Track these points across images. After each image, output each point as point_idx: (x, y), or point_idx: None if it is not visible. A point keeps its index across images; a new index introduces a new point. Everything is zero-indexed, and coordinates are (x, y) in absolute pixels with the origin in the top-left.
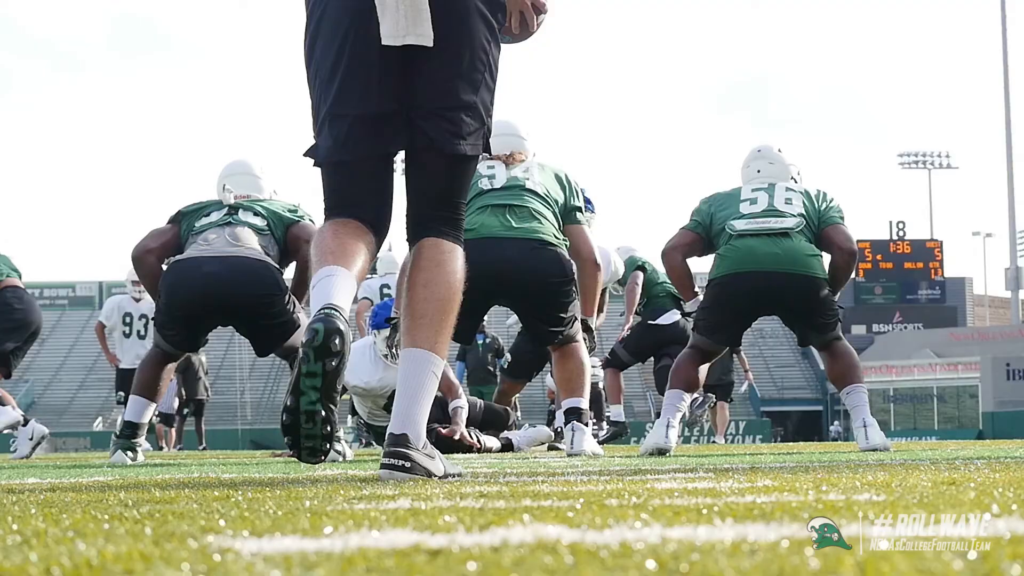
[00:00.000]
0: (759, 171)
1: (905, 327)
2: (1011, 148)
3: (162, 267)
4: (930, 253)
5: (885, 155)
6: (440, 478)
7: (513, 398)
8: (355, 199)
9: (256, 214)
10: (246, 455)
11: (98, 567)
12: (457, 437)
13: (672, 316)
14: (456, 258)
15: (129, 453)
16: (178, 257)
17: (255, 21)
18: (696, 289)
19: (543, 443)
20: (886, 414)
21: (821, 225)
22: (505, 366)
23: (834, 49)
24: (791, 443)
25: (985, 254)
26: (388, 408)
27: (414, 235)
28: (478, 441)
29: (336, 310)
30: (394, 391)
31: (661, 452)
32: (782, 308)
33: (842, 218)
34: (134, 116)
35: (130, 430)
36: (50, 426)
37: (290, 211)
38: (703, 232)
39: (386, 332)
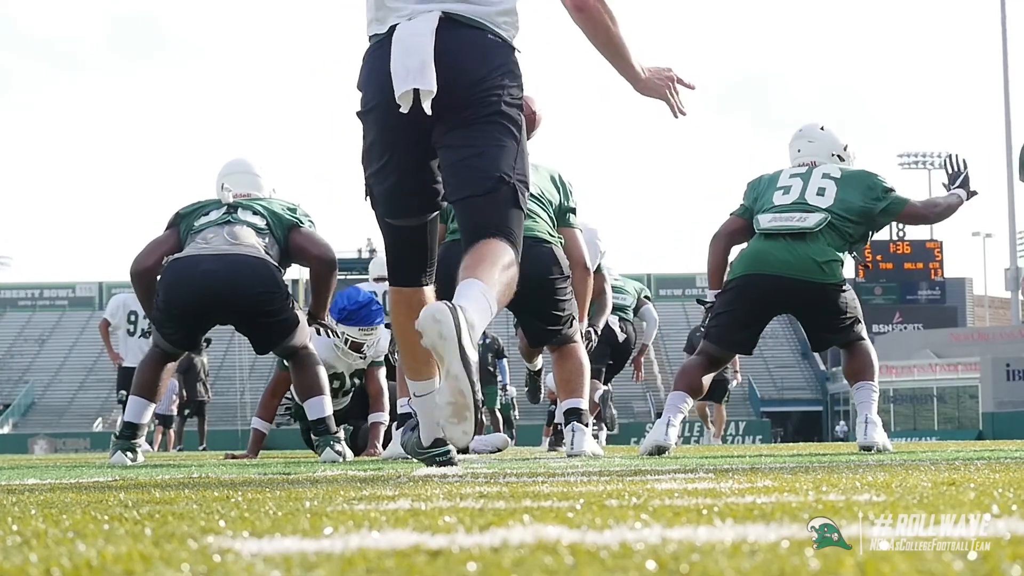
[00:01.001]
0: (799, 151)
1: (905, 327)
2: (1011, 149)
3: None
4: (930, 253)
5: (885, 155)
6: (462, 430)
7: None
8: (408, 264)
9: (255, 213)
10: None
11: (98, 568)
12: (376, 455)
13: (621, 334)
14: (505, 251)
15: (129, 454)
16: (176, 256)
17: (255, 21)
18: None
19: (499, 449)
20: (886, 415)
21: (883, 216)
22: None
23: (834, 49)
24: (791, 443)
25: (985, 254)
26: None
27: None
28: None
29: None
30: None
31: (661, 450)
32: (793, 311)
33: (897, 196)
34: (134, 116)
35: (130, 431)
36: (50, 427)
37: (289, 210)
38: (749, 218)
39: (349, 329)
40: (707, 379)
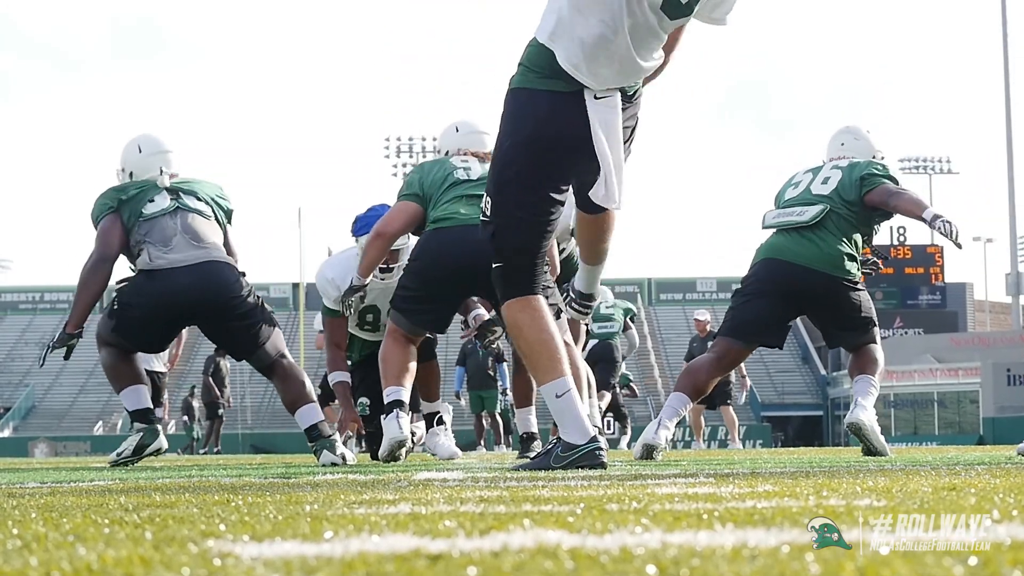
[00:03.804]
0: (843, 144)
1: (906, 332)
2: (1012, 153)
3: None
4: (931, 258)
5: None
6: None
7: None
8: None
9: (199, 199)
10: (246, 459)
11: (98, 571)
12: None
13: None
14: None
15: (160, 438)
16: (147, 268)
17: (255, 21)
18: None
19: (444, 457)
20: (887, 419)
21: (863, 186)
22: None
23: (835, 52)
24: (792, 448)
25: (986, 259)
26: (364, 320)
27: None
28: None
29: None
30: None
31: (649, 450)
32: (808, 303)
33: (879, 175)
34: (134, 118)
35: (140, 415)
36: (50, 430)
37: (222, 198)
38: None
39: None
40: (713, 382)
